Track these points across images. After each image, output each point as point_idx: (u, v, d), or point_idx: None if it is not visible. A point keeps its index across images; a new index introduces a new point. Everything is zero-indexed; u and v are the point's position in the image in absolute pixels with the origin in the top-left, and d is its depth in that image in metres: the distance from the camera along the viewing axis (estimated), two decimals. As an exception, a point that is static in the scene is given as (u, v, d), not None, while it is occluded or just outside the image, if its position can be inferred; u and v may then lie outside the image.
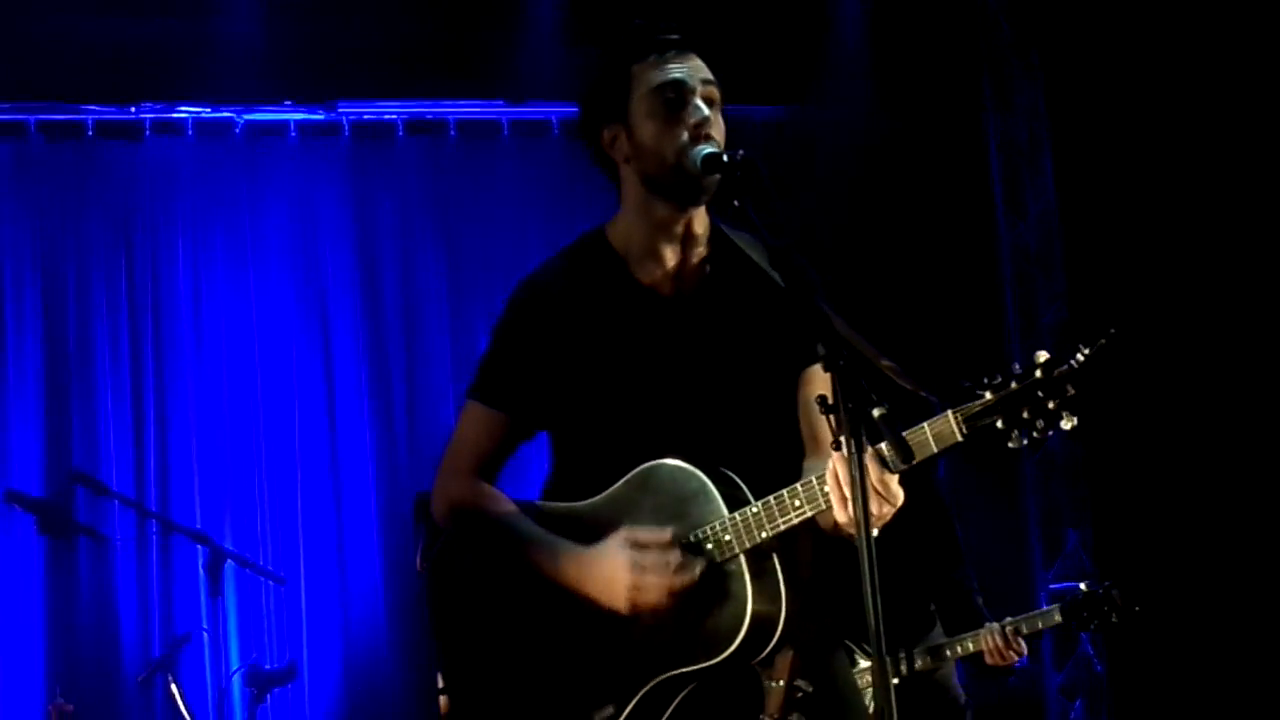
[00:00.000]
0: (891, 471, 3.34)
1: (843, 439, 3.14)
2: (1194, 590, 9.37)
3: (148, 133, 9.42)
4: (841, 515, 3.39)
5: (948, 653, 6.44)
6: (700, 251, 3.82)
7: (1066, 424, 3.25)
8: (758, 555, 3.55)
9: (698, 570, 3.57)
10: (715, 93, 3.72)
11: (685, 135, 3.63)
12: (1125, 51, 9.84)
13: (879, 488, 3.35)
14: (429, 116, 9.87)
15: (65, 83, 9.13)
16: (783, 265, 3.43)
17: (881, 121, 10.36)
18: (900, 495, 3.37)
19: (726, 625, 3.55)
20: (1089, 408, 3.25)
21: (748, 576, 3.54)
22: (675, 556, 3.58)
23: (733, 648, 3.53)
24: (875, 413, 3.12)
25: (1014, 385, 3.28)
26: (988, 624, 6.44)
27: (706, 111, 3.67)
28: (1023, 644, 6.43)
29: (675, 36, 3.76)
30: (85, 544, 8.56)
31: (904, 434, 3.32)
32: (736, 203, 3.49)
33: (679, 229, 3.77)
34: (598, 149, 3.83)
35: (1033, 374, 3.27)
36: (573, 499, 3.82)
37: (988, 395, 3.29)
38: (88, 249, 9.30)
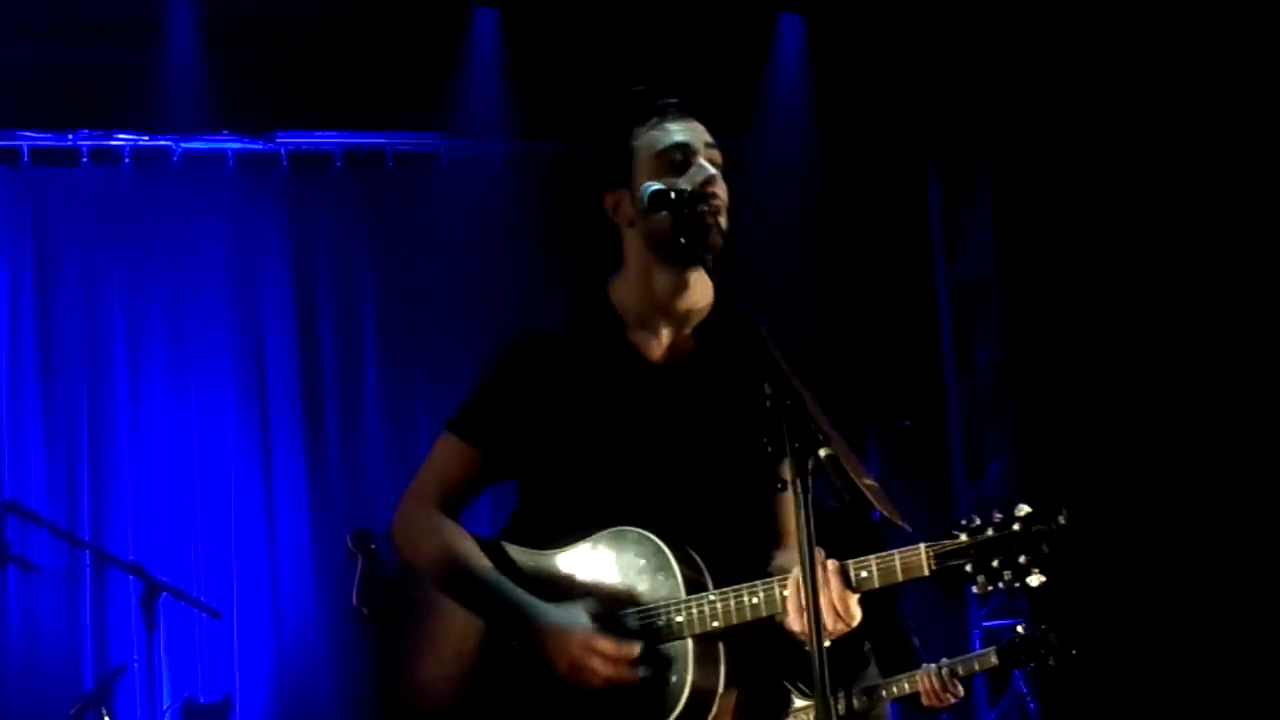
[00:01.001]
0: (854, 591, 3.43)
1: (790, 479, 3.17)
2: (1128, 628, 9.44)
3: (84, 159, 9.43)
4: (796, 624, 3.46)
5: (883, 693, 6.42)
6: (696, 324, 3.83)
7: (1034, 580, 3.31)
8: (704, 640, 3.59)
9: (640, 673, 3.58)
10: (719, 156, 3.75)
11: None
12: (1066, 88, 9.97)
13: (838, 605, 3.43)
14: (367, 147, 9.90)
15: (1, 108, 9.13)
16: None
17: (822, 155, 10.45)
18: (858, 616, 3.44)
19: (663, 703, 3.58)
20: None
21: (690, 659, 3.58)
22: (625, 647, 3.60)
23: None
24: (822, 453, 3.15)
25: (990, 533, 3.34)
26: (924, 665, 6.42)
27: (712, 171, 3.69)
28: (959, 686, 6.43)
29: (675, 100, 3.79)
30: (13, 575, 8.52)
31: (875, 559, 3.43)
32: (683, 240, 3.54)
33: (679, 298, 3.78)
34: (599, 214, 3.84)
35: (1010, 526, 3.33)
36: (534, 544, 3.83)
37: (963, 538, 3.36)
38: (20, 274, 9.28)
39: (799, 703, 6.11)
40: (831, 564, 3.46)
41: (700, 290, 3.78)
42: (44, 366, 9.26)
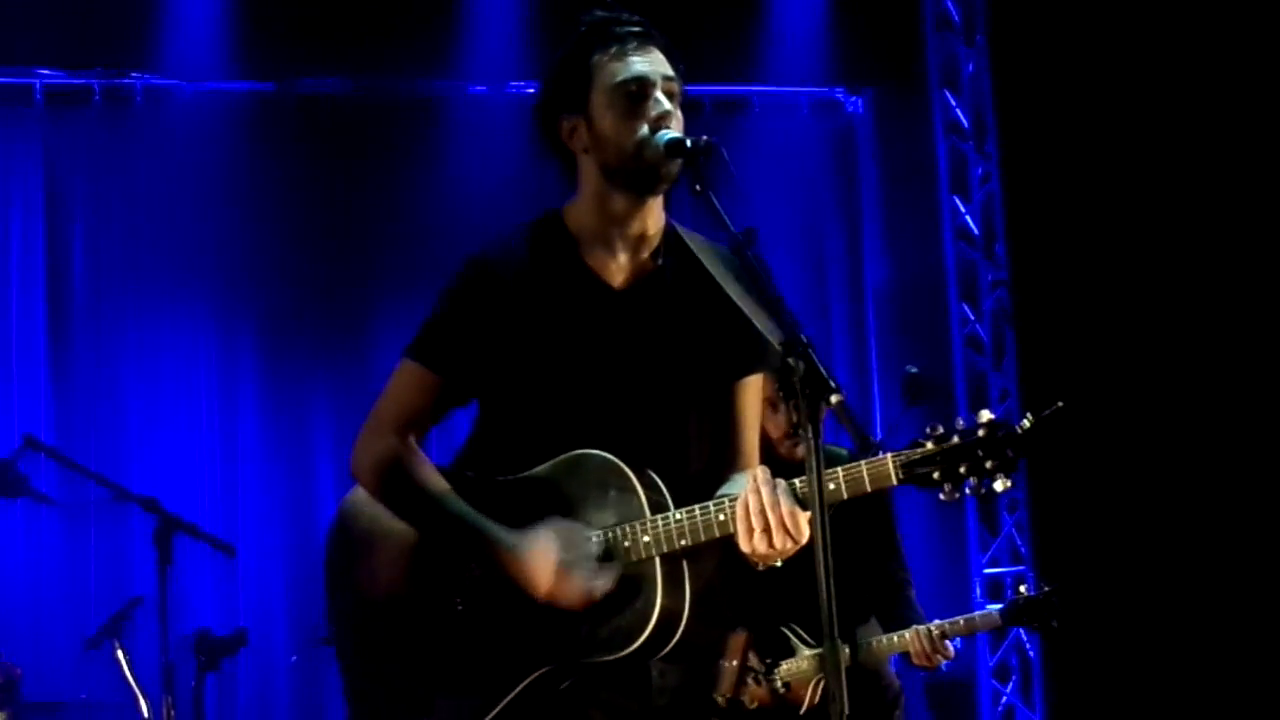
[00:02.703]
0: (804, 509, 3.46)
1: (802, 426, 3.22)
2: (1128, 576, 9.58)
3: (97, 98, 9.61)
4: (745, 545, 3.53)
5: (873, 643, 6.47)
6: (651, 248, 3.88)
7: (999, 485, 3.36)
8: (671, 559, 3.64)
9: (614, 580, 3.64)
10: (676, 87, 3.78)
11: (646, 128, 3.69)
12: (1073, 40, 10.06)
13: (787, 521, 3.47)
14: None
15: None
16: (741, 253, 3.51)
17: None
18: (806, 534, 3.45)
19: (631, 623, 3.63)
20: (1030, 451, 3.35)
21: (659, 579, 3.63)
22: (600, 571, 3.66)
23: (634, 646, 3.62)
24: (833, 399, 3.19)
25: (956, 440, 3.38)
26: (916, 626, 6.45)
27: (668, 105, 3.73)
28: (950, 647, 6.47)
29: (638, 29, 3.82)
30: (22, 509, 8.67)
31: (842, 470, 3.45)
32: (699, 188, 3.55)
33: (633, 224, 3.84)
34: (555, 139, 3.88)
35: (976, 433, 3.37)
36: (493, 468, 3.87)
37: (929, 445, 3.40)
38: (31, 211, 9.45)
39: (805, 652, 6.31)
40: (780, 482, 3.52)
41: (654, 215, 3.86)
42: (53, 304, 9.42)
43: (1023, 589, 6.63)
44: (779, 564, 3.60)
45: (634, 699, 3.80)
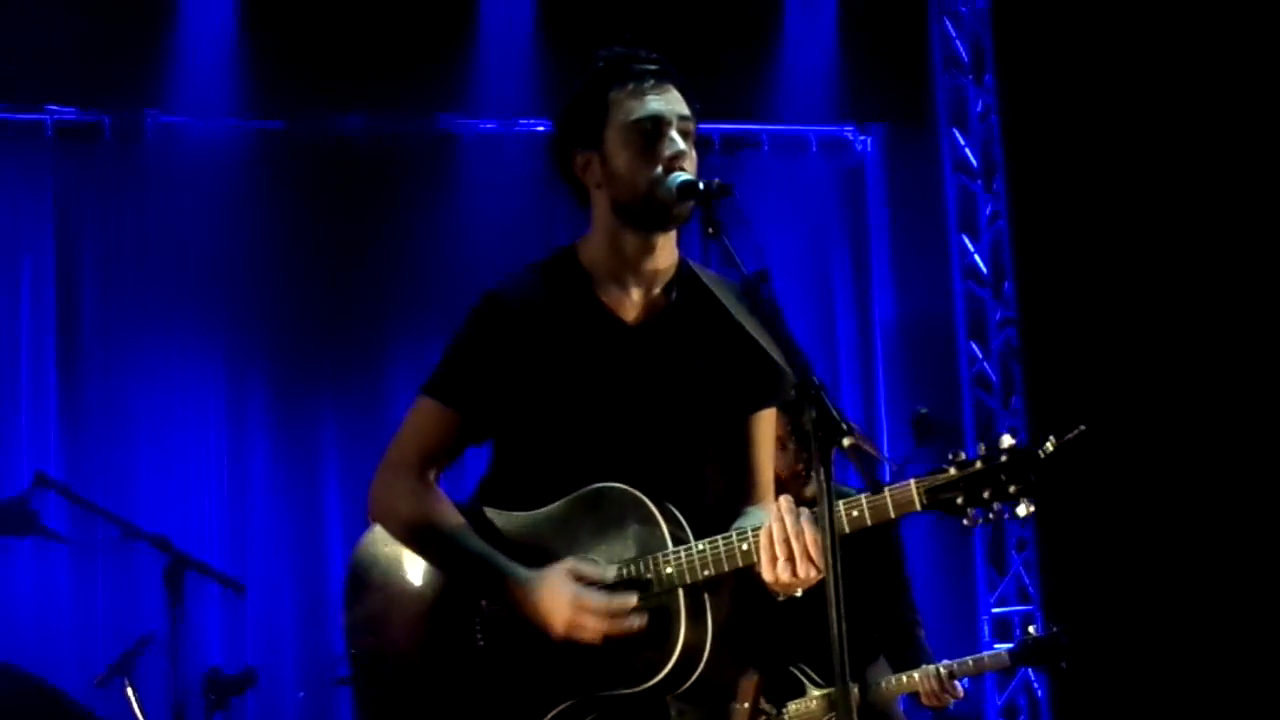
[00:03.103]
0: (846, 530, 3.45)
1: (813, 468, 3.23)
2: (1136, 616, 9.59)
3: (107, 135, 9.64)
4: (768, 574, 3.55)
5: (883, 685, 6.46)
6: (664, 283, 3.91)
7: (1023, 510, 3.36)
8: (693, 590, 3.64)
9: (635, 622, 3.64)
10: (691, 127, 3.82)
11: (659, 168, 3.73)
12: (1082, 79, 10.11)
13: (812, 549, 3.48)
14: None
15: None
16: (754, 294, 3.53)
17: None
18: (837, 538, 3.37)
19: (652, 657, 3.64)
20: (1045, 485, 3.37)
21: (683, 611, 3.63)
22: (617, 601, 3.65)
23: (657, 679, 3.63)
24: (845, 442, 3.19)
25: (979, 465, 3.38)
26: (925, 666, 6.44)
27: (682, 145, 3.76)
28: (959, 687, 6.47)
29: (654, 67, 3.86)
30: (30, 546, 8.68)
31: (865, 498, 3.46)
32: (711, 230, 3.57)
33: (645, 260, 3.87)
34: (568, 172, 3.92)
35: (998, 457, 3.37)
36: (511, 506, 3.88)
37: (952, 471, 3.40)
38: (42, 249, 9.48)
39: (814, 692, 6.30)
40: (804, 510, 3.53)
41: (666, 252, 3.89)
42: (63, 340, 9.43)
43: (1031, 629, 6.70)
44: (799, 594, 3.61)
45: None
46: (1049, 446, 3.36)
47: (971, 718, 10.10)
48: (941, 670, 6.43)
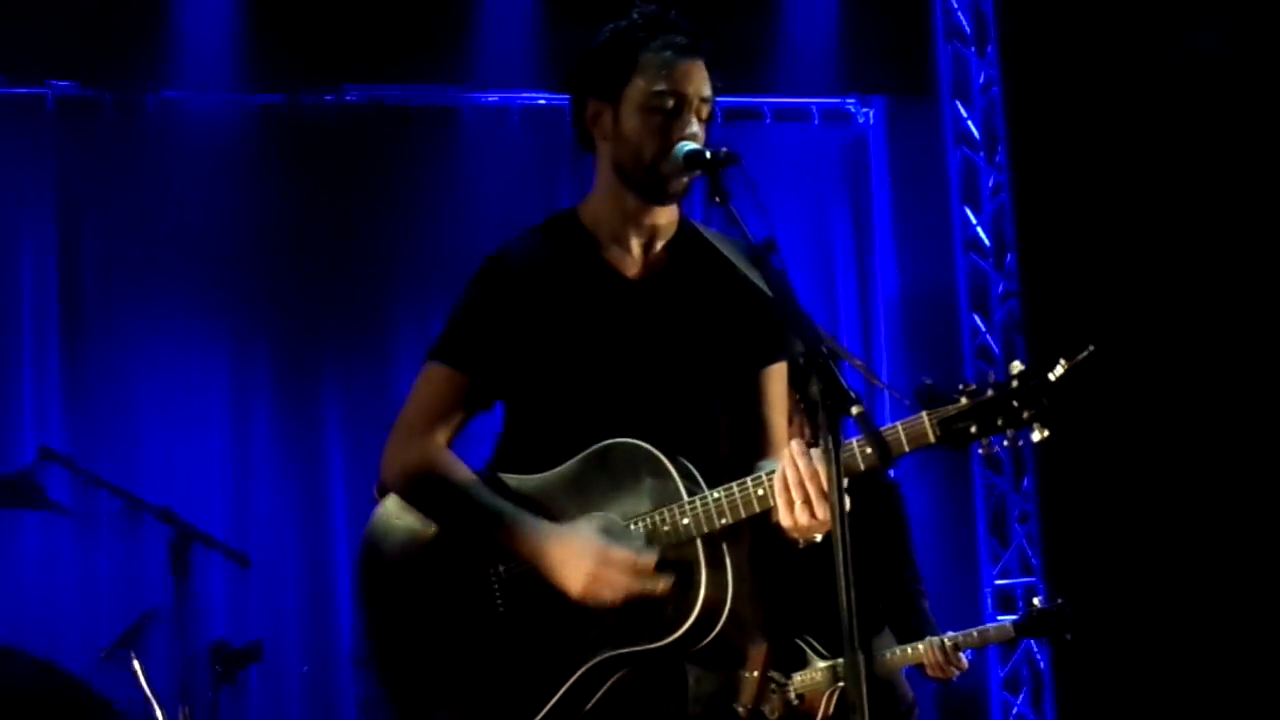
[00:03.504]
0: (860, 467, 3.44)
1: (823, 436, 3.22)
2: (1138, 587, 9.64)
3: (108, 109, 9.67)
4: (786, 519, 3.53)
5: (888, 655, 6.49)
6: (667, 239, 3.94)
7: (1037, 435, 3.34)
8: (711, 541, 3.62)
9: (660, 584, 3.62)
10: (709, 109, 3.81)
11: (668, 143, 3.74)
12: (1085, 51, 10.14)
13: (829, 489, 3.35)
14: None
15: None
16: (761, 263, 3.52)
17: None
18: (847, 503, 3.33)
19: (675, 610, 3.61)
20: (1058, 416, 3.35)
21: (703, 562, 3.61)
22: (644, 558, 3.63)
23: (680, 632, 3.60)
24: (854, 410, 3.16)
25: (990, 393, 3.37)
26: (930, 638, 6.49)
27: (696, 128, 3.76)
28: (964, 659, 6.50)
29: (687, 40, 3.81)
30: (34, 519, 8.71)
31: (879, 431, 3.38)
32: (718, 199, 3.57)
33: (646, 219, 3.89)
34: (579, 116, 3.93)
35: (1010, 383, 3.36)
36: (524, 470, 3.87)
37: (964, 400, 3.39)
38: (43, 222, 9.52)
39: (819, 663, 6.34)
40: (816, 451, 3.48)
41: (668, 210, 3.91)
42: (66, 314, 9.47)
43: (1036, 601, 6.71)
44: (819, 539, 3.58)
45: (673, 703, 3.80)
46: (1059, 369, 3.34)
47: (974, 690, 10.17)
48: (946, 642, 6.47)
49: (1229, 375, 9.83)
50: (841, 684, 6.27)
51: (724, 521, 3.61)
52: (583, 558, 3.66)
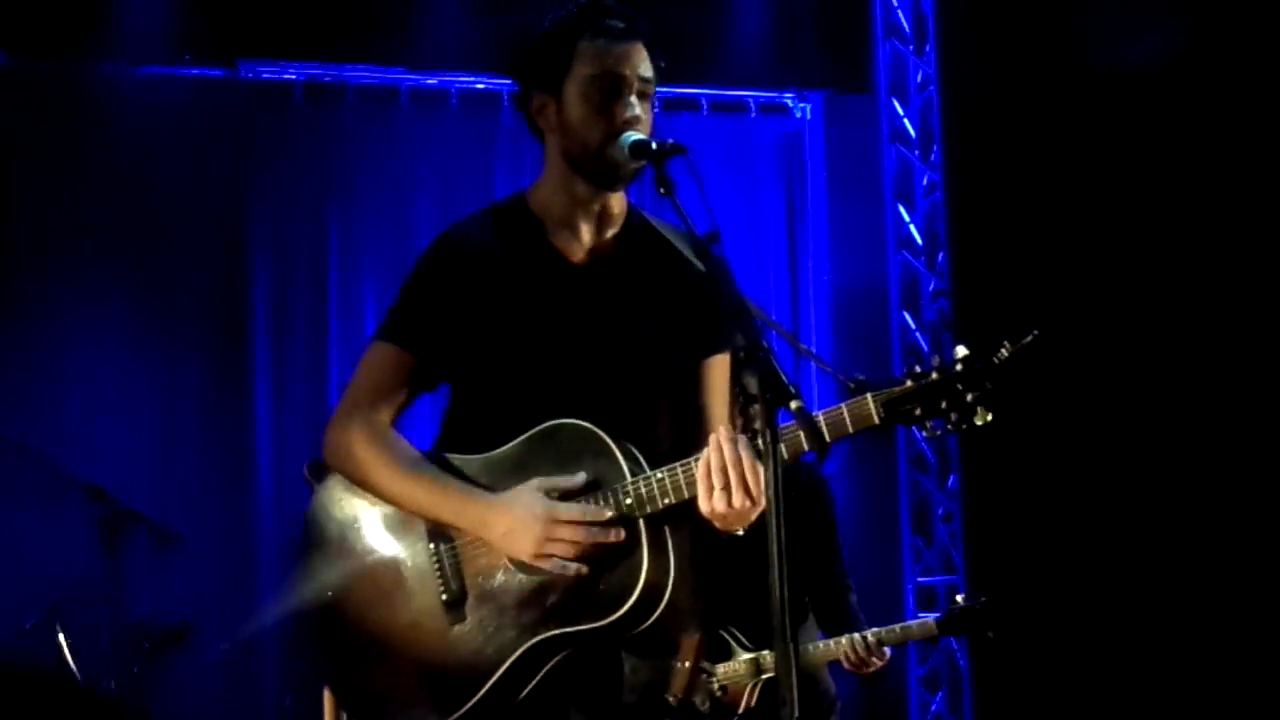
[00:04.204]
0: (805, 450, 3.47)
1: (759, 429, 3.22)
2: (1060, 587, 9.71)
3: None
4: (704, 504, 3.58)
5: (810, 648, 6.57)
6: (614, 228, 4.00)
7: (980, 419, 3.40)
8: (654, 523, 3.67)
9: (613, 534, 3.66)
10: (651, 90, 3.87)
11: (612, 129, 3.79)
12: (1022, 52, 10.23)
13: (749, 477, 3.52)
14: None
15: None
16: (704, 254, 3.56)
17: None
18: (764, 497, 3.44)
19: (617, 589, 3.66)
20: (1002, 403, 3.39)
21: (645, 543, 3.65)
22: (593, 511, 3.68)
23: (622, 611, 3.64)
24: (793, 405, 3.18)
25: (934, 376, 3.44)
26: (852, 635, 6.56)
27: (638, 111, 3.82)
28: (886, 652, 6.59)
29: (624, 24, 3.87)
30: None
31: (823, 414, 3.47)
32: (662, 190, 3.60)
33: (595, 206, 3.95)
34: (526, 110, 3.99)
35: (954, 367, 3.43)
36: (469, 450, 3.90)
37: (908, 383, 3.45)
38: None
39: (742, 655, 6.42)
40: (742, 438, 3.57)
41: (617, 197, 3.99)
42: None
43: (959, 598, 6.79)
44: (740, 532, 3.64)
45: (609, 689, 3.88)
46: (1004, 353, 3.41)
47: (892, 687, 10.26)
48: (870, 637, 6.56)
49: (1154, 376, 9.91)
50: (765, 676, 6.37)
51: (667, 502, 3.66)
52: (530, 521, 3.71)
